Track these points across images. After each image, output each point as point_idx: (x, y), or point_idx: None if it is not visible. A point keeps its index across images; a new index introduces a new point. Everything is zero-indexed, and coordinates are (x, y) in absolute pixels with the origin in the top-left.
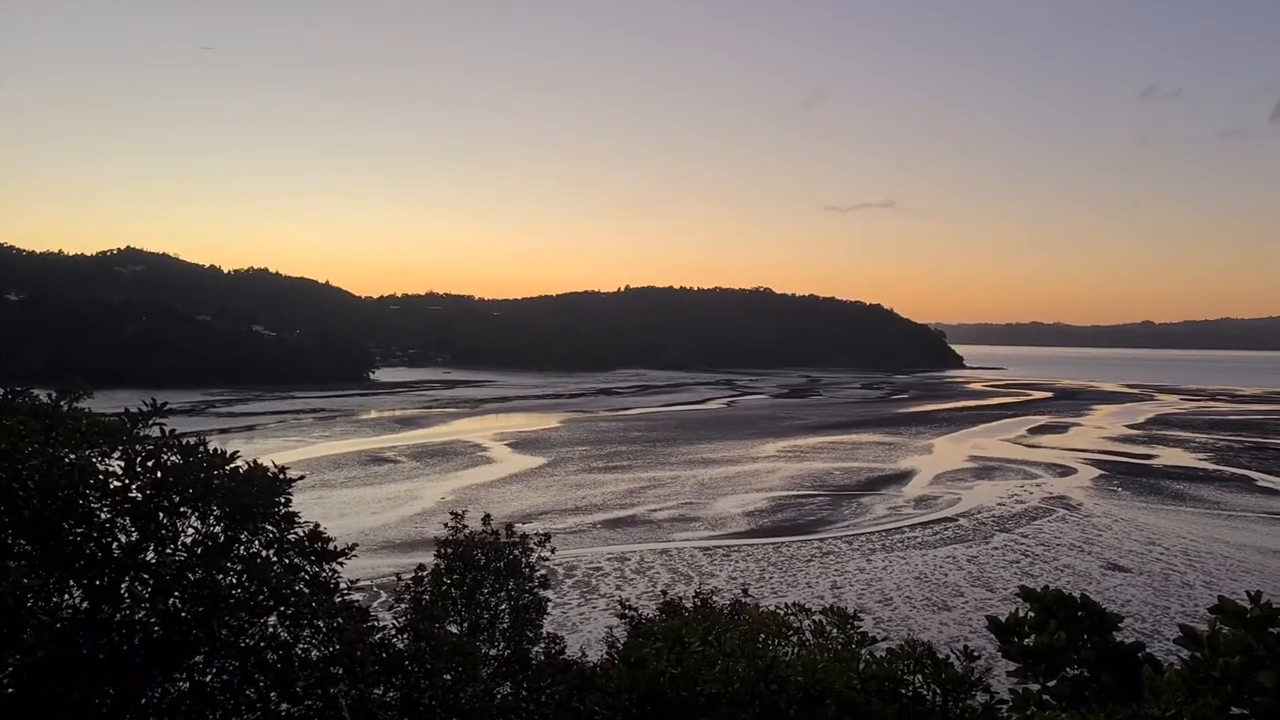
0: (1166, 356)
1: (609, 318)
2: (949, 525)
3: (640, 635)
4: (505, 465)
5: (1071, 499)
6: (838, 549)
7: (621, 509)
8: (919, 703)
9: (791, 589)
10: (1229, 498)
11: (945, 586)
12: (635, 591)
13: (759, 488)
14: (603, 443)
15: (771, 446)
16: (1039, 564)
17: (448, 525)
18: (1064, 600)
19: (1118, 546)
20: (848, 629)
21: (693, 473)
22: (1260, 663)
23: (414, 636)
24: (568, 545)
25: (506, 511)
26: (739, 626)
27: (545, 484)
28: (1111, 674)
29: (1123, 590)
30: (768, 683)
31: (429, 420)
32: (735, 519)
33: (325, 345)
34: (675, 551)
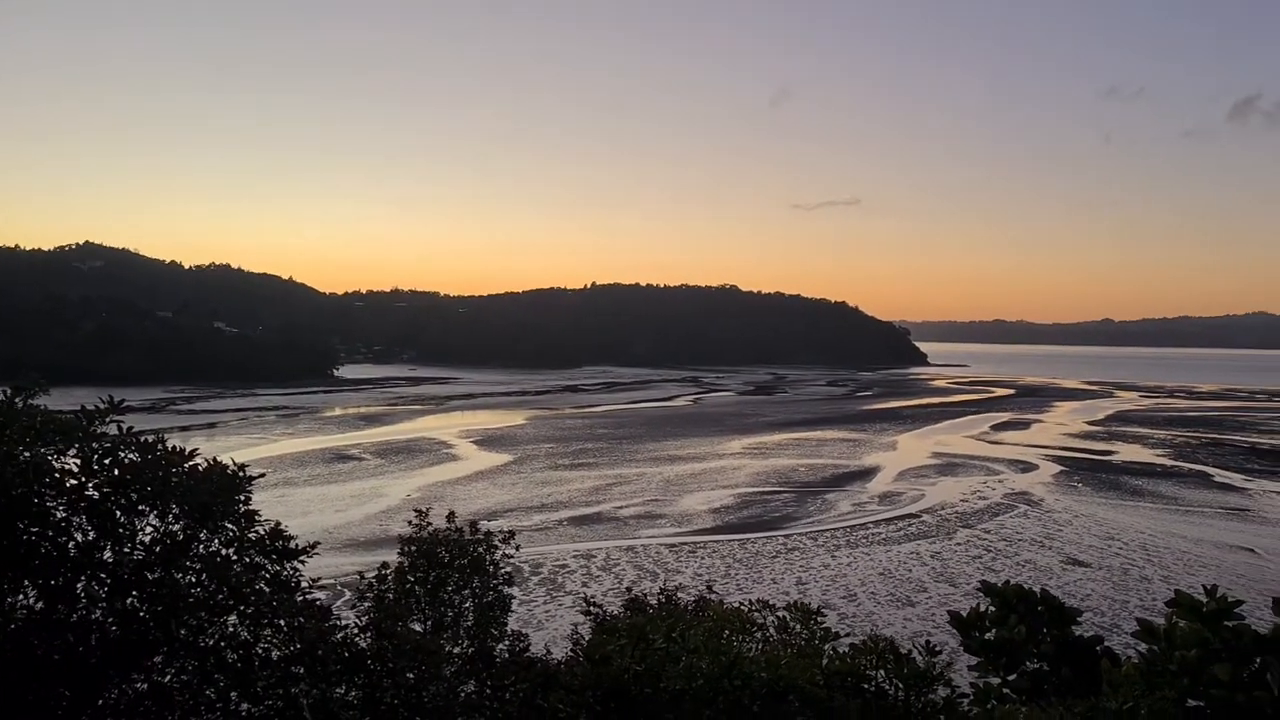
0: (1126, 354)
1: (575, 315)
2: (913, 521)
3: (605, 632)
4: (471, 462)
5: (1033, 495)
6: (803, 545)
7: (587, 506)
8: (881, 697)
9: (757, 585)
10: (1186, 493)
11: (909, 582)
12: (601, 588)
13: (725, 484)
14: (569, 440)
15: (737, 443)
16: (1001, 559)
17: (411, 523)
18: (1024, 595)
19: (1078, 541)
20: (811, 625)
21: (659, 470)
22: (1216, 656)
23: (376, 635)
24: (534, 542)
25: (472, 509)
26: (703, 623)
27: (511, 481)
28: (1070, 667)
29: (1083, 584)
30: (731, 679)
31: (394, 417)
32: (701, 515)
33: (289, 342)
34: (641, 548)
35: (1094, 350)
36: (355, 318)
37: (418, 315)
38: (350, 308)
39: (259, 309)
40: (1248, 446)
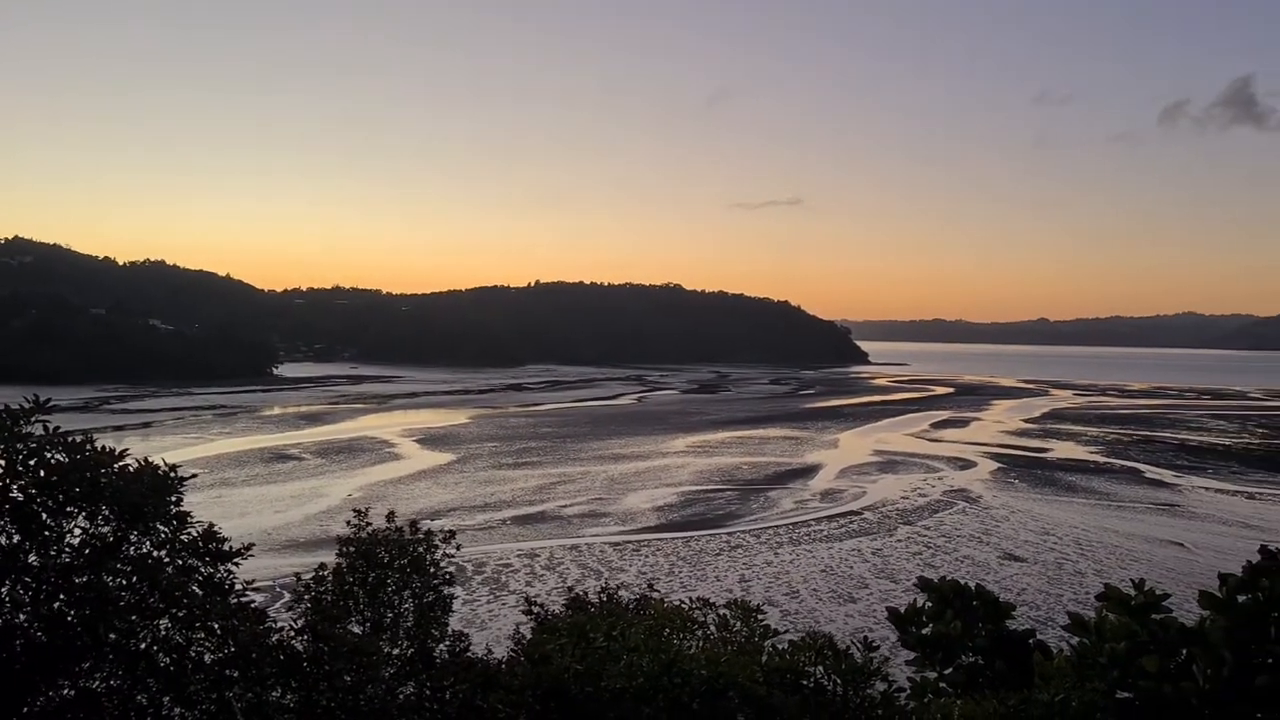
0: (1061, 353)
1: (519, 313)
2: (854, 518)
3: (546, 631)
4: (414, 462)
5: (971, 492)
6: (746, 543)
7: (531, 505)
8: (820, 693)
9: (700, 583)
10: (1118, 489)
11: (850, 579)
12: (545, 587)
13: (669, 483)
14: (513, 439)
15: (681, 442)
16: (940, 555)
17: (350, 523)
18: (960, 590)
19: (1014, 537)
20: (751, 623)
21: (603, 468)
22: (1144, 648)
23: (313, 637)
24: (477, 542)
25: (415, 508)
26: (644, 621)
27: (454, 480)
28: (1004, 661)
29: (1019, 579)
30: (671, 677)
31: (335, 416)
32: (645, 514)
33: (227, 340)
34: (585, 547)
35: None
36: (296, 315)
37: (360, 313)
38: (290, 305)
39: (196, 306)
40: (1177, 444)
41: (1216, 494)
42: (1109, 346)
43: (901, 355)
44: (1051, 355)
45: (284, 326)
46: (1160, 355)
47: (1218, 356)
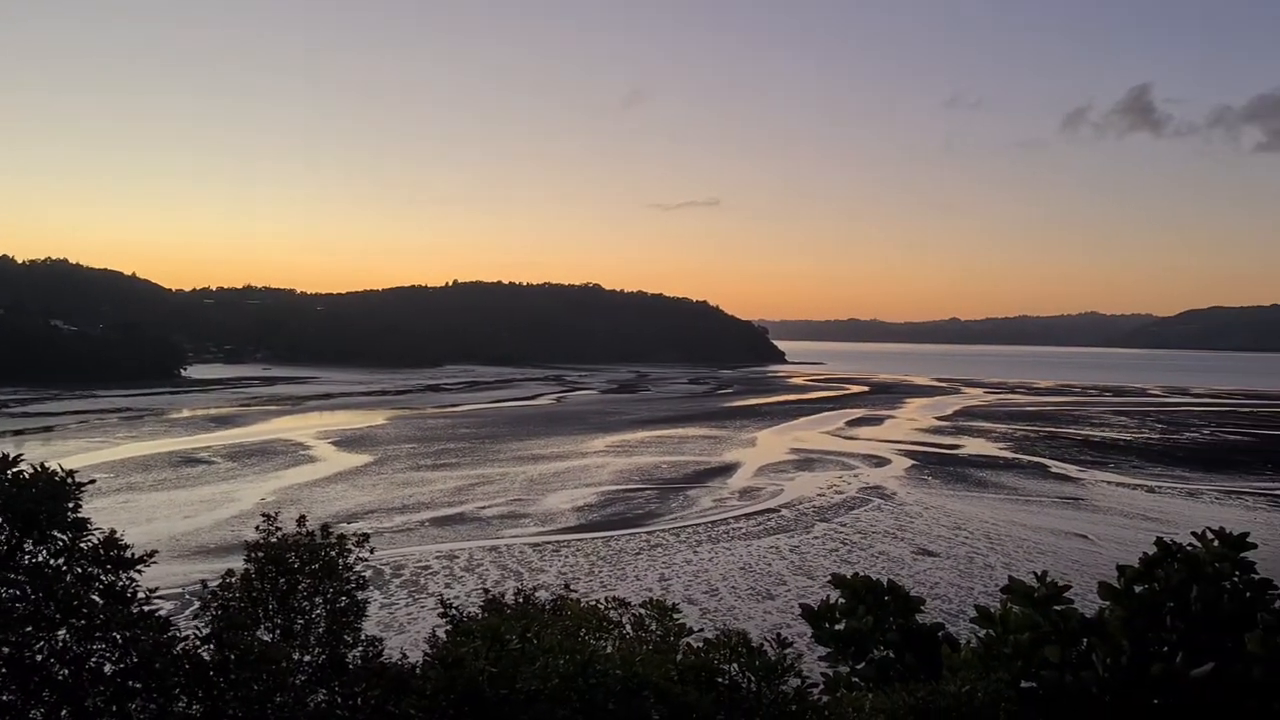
0: (972, 352)
1: (437, 313)
2: (772, 516)
3: (460, 634)
4: (329, 464)
5: (886, 488)
6: (666, 542)
7: (450, 506)
8: (734, 690)
9: (621, 582)
10: (1026, 484)
11: (769, 576)
12: (465, 589)
13: (589, 483)
14: (431, 440)
15: (601, 441)
16: (856, 551)
17: (260, 528)
18: (872, 586)
19: (928, 532)
20: (667, 621)
21: (522, 469)
22: (1046, 638)
23: (219, 645)
24: (395, 544)
25: (331, 511)
26: (561, 622)
27: (371, 482)
28: (914, 654)
29: (932, 573)
30: (586, 678)
31: (247, 418)
32: (565, 514)
33: (132, 340)
34: (505, 548)
35: (942, 348)
36: (205, 315)
37: (272, 313)
38: (199, 305)
39: (100, 306)
40: (1081, 439)
41: (1118, 487)
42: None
43: (818, 354)
44: (963, 354)
45: (193, 327)
46: (1065, 354)
47: (1119, 355)
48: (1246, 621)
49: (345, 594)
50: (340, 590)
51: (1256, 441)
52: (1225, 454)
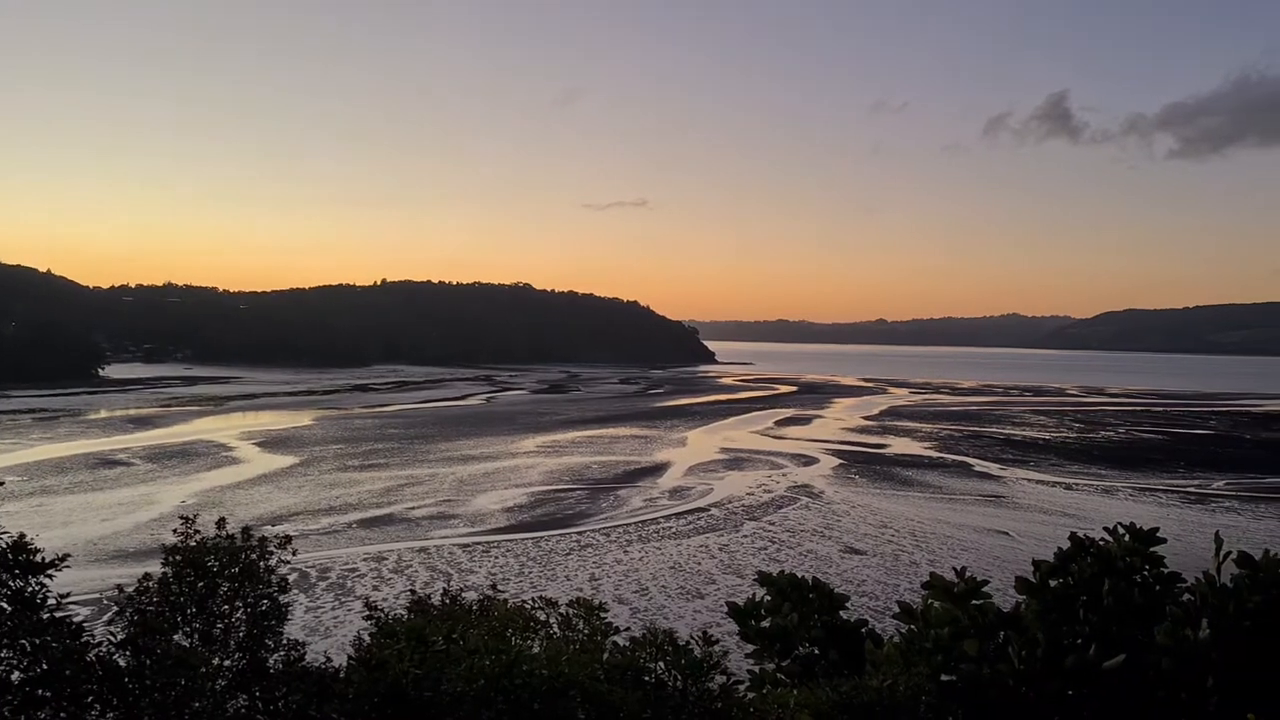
0: (899, 352)
1: (365, 312)
2: (702, 515)
3: (385, 636)
4: (253, 465)
5: (814, 487)
6: (596, 541)
7: (378, 508)
8: (660, 688)
9: (551, 583)
10: (950, 482)
11: (699, 575)
12: (393, 591)
13: (519, 483)
14: (358, 440)
15: (531, 442)
16: (785, 550)
17: (177, 530)
18: (797, 583)
19: (855, 530)
20: (594, 620)
21: (452, 469)
22: (965, 632)
23: (133, 651)
24: (322, 546)
25: (255, 514)
26: (488, 623)
27: (297, 484)
28: (838, 650)
29: (859, 571)
30: (511, 678)
31: (168, 419)
32: (495, 515)
33: (46, 339)
34: (434, 549)
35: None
36: (123, 314)
37: (194, 312)
38: (117, 303)
39: (11, 303)
40: (1003, 438)
41: (1038, 485)
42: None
43: (747, 355)
44: (889, 354)
45: (111, 326)
46: (988, 354)
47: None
48: (1156, 614)
49: (267, 597)
50: (261, 594)
51: (1169, 440)
52: (1139, 452)
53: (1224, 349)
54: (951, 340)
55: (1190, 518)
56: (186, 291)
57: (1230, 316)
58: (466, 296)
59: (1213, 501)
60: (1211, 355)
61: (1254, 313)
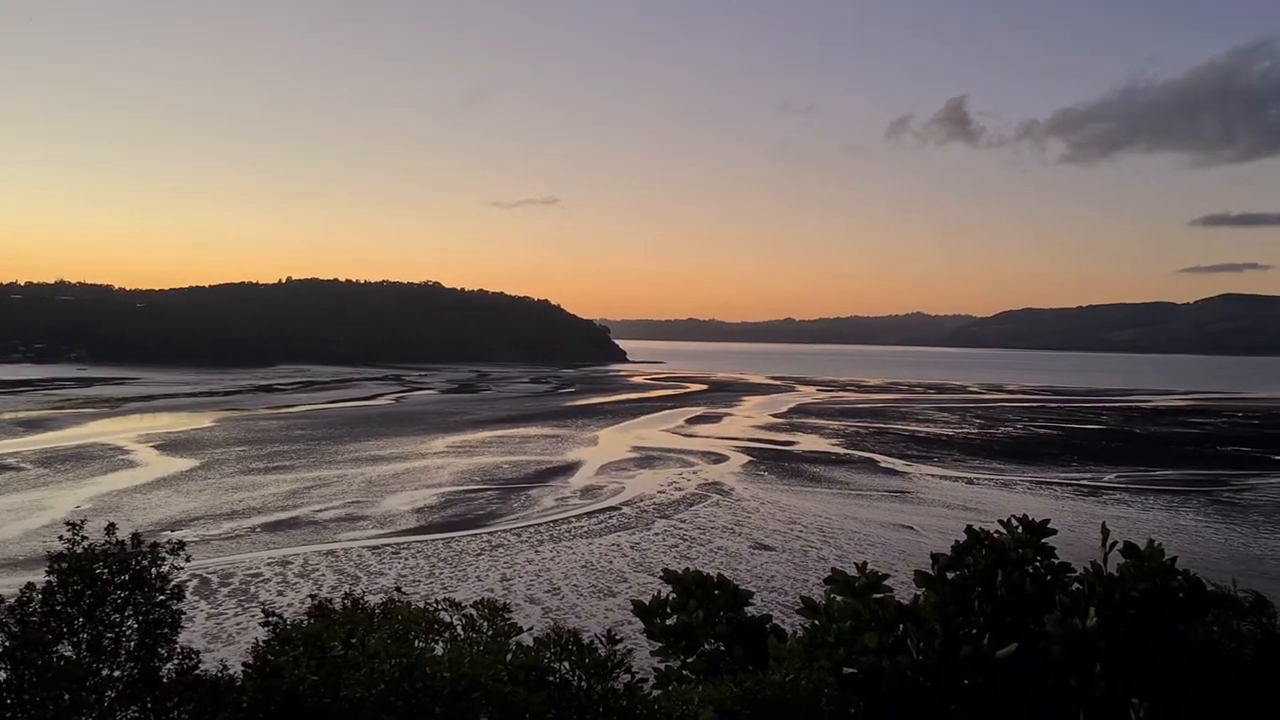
0: (806, 351)
1: (270, 311)
2: (613, 514)
3: (282, 642)
4: (152, 469)
5: (724, 485)
6: (507, 542)
7: (283, 511)
8: (565, 688)
9: (462, 584)
10: (857, 478)
11: (610, 573)
12: (299, 596)
13: (429, 484)
14: (262, 442)
15: (441, 442)
16: (696, 547)
17: (63, 537)
18: (702, 581)
19: (764, 527)
20: (498, 621)
21: (360, 471)
22: (866, 626)
23: (13, 664)
24: (224, 551)
25: (154, 518)
26: (391, 626)
27: (198, 488)
28: (743, 646)
29: (768, 567)
30: (412, 682)
31: (60, 422)
32: (405, 516)
33: None
34: (342, 552)
35: (778, 347)
36: (12, 312)
37: (88, 310)
38: (5, 301)
39: None
40: (907, 434)
41: (941, 480)
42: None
43: (658, 353)
44: (797, 353)
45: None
46: (893, 352)
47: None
48: (1047, 603)
49: (159, 605)
50: (153, 601)
51: (1064, 435)
52: (1036, 447)
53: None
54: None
55: (1084, 509)
56: (80, 290)
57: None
58: (375, 295)
59: (1105, 494)
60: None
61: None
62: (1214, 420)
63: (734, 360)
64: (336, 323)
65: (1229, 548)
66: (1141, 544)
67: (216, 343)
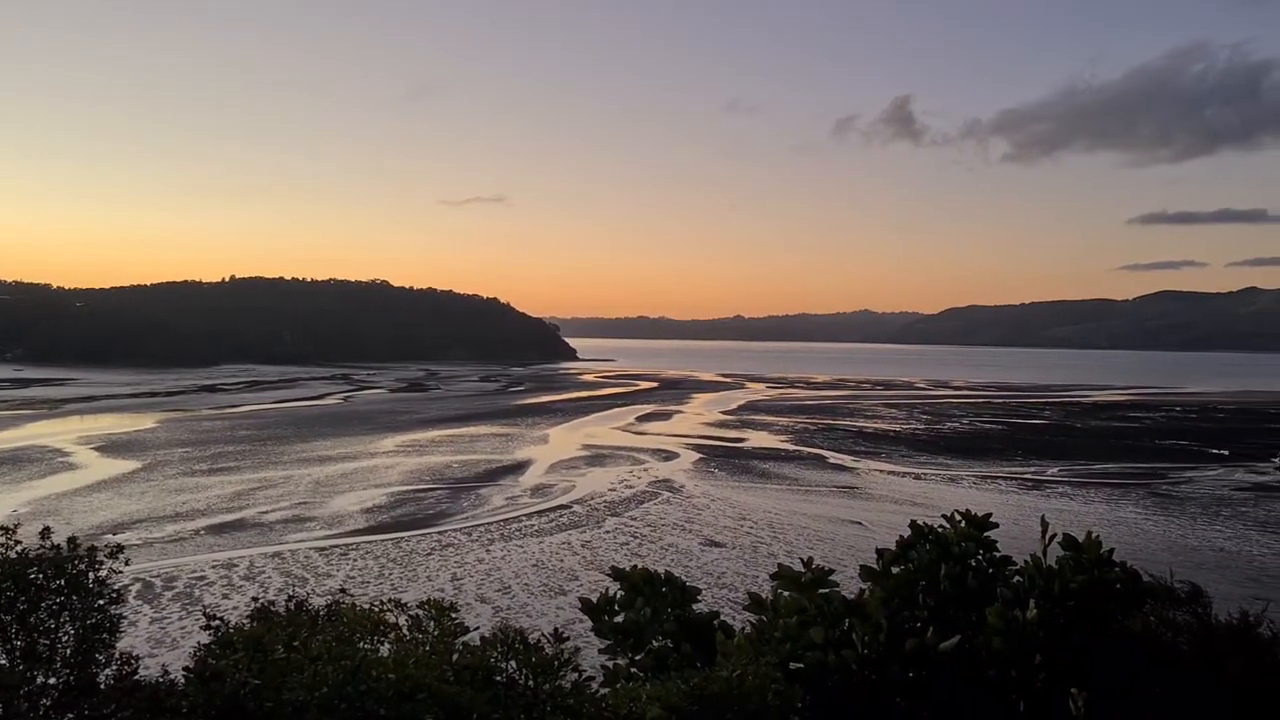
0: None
1: (214, 310)
2: (564, 512)
3: (223, 646)
4: (92, 471)
5: (675, 482)
6: (458, 541)
7: (229, 512)
8: (511, 688)
9: (412, 584)
10: (806, 474)
11: (561, 572)
12: (244, 599)
13: (378, 483)
14: (207, 443)
15: (390, 441)
16: (646, 544)
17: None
18: (650, 578)
19: (714, 524)
20: (444, 621)
21: (308, 471)
22: (812, 621)
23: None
24: (168, 554)
25: (95, 521)
26: (335, 628)
27: (140, 490)
28: (691, 643)
29: (719, 564)
30: (356, 684)
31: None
32: (353, 516)
33: None
34: (290, 554)
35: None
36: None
37: (24, 310)
38: None
39: None
40: (856, 430)
41: (889, 475)
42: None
43: (608, 351)
44: (747, 350)
45: None
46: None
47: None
48: (989, 596)
49: (97, 610)
50: (90, 606)
51: (1008, 430)
52: (981, 442)
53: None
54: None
55: (1028, 503)
56: (16, 288)
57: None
58: (322, 294)
59: (1047, 487)
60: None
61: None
62: (1152, 415)
63: (684, 358)
64: (282, 322)
65: (1166, 539)
66: (1082, 536)
67: (159, 342)
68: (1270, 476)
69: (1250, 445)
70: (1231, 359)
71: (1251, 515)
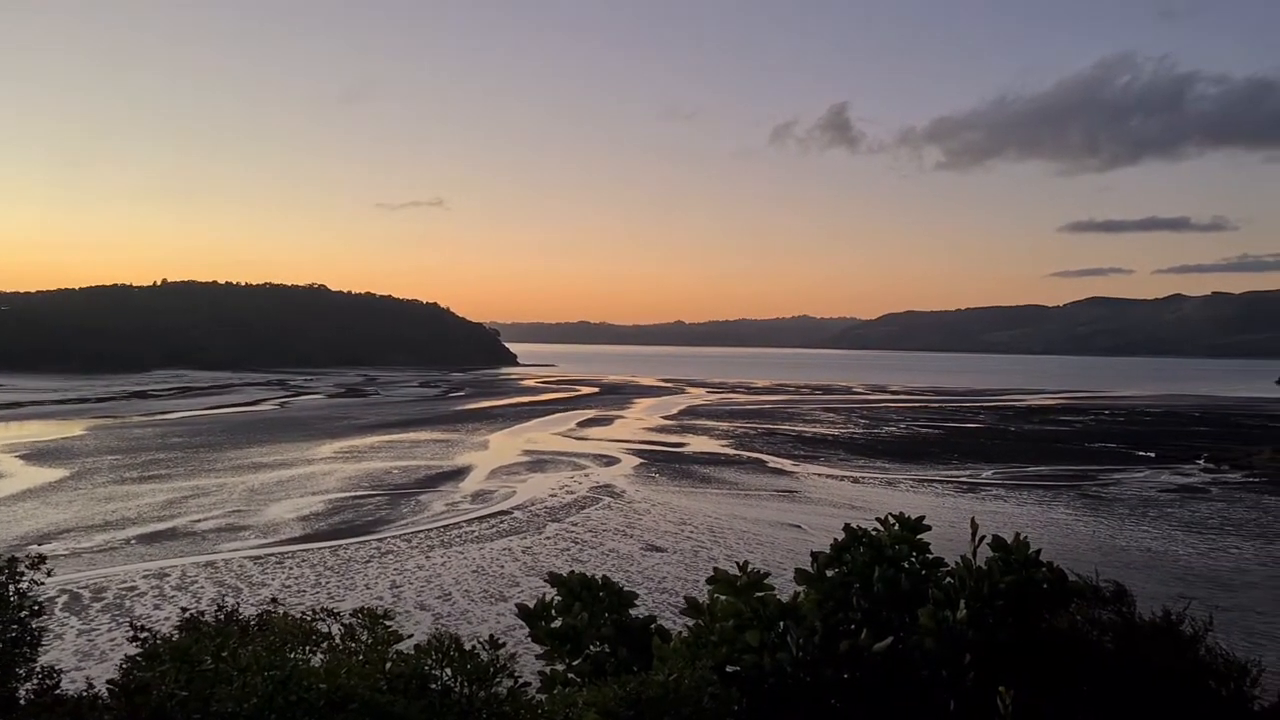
0: (696, 353)
1: (145, 314)
2: (505, 518)
3: (150, 657)
4: (17, 480)
5: (616, 487)
6: (397, 548)
7: (160, 521)
8: (446, 695)
9: (350, 592)
10: (746, 479)
11: (502, 578)
12: (176, 610)
13: (315, 491)
14: (137, 451)
15: (328, 448)
16: (588, 550)
17: None
18: (587, 583)
19: (655, 529)
20: (378, 629)
21: (242, 478)
22: (748, 624)
23: None
24: (96, 565)
25: (18, 532)
26: (266, 637)
27: (68, 499)
28: (628, 647)
29: (659, 568)
30: (287, 695)
31: None
32: (290, 524)
33: None
34: (223, 563)
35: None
36: None
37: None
38: None
39: None
40: (795, 435)
41: (828, 479)
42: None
43: (549, 356)
44: (687, 355)
45: None
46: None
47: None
48: (921, 598)
49: (16, 622)
50: (10, 619)
51: (944, 434)
52: (918, 446)
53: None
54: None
55: (962, 505)
56: None
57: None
58: (258, 298)
59: (982, 490)
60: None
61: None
62: (1082, 418)
63: (625, 363)
64: (216, 326)
65: (1096, 540)
66: (1014, 538)
67: (87, 347)
68: (1195, 478)
69: (1175, 448)
70: (1158, 364)
71: (1177, 516)
